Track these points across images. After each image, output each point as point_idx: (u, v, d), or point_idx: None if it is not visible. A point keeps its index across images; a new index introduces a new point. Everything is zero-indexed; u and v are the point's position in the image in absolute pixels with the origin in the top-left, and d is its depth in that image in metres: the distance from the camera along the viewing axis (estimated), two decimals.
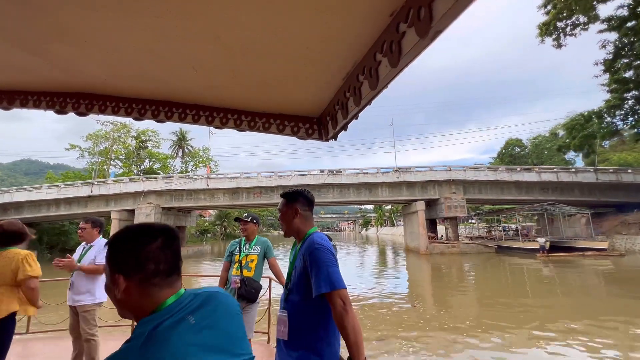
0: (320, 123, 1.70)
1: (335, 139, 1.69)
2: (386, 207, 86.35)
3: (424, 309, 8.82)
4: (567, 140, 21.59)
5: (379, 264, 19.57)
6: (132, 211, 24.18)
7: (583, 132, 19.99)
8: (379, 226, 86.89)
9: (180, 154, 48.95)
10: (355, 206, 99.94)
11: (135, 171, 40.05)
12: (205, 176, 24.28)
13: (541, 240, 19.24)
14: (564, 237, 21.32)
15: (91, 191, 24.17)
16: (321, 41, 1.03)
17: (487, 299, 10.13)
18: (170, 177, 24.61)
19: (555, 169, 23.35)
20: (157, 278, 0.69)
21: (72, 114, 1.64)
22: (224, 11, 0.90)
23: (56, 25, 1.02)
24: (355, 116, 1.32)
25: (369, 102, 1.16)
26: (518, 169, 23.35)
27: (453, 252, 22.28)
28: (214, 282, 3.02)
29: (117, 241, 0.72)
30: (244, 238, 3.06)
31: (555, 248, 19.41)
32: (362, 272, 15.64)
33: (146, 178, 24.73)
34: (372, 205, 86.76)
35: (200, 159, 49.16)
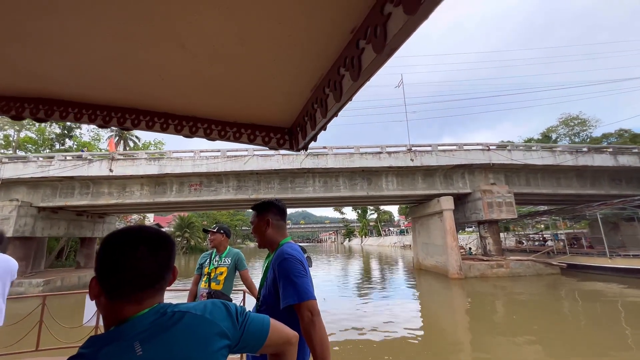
0: (291, 133, 1.69)
1: (306, 150, 1.67)
2: (371, 216, 78.90)
3: None
4: None
5: (383, 295, 11.21)
6: None
7: None
8: (363, 236, 79.17)
9: (122, 147, 38.87)
10: (337, 215, 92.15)
11: None
12: (108, 156, 15.08)
13: None
14: None
15: None
16: (287, 53, 1.04)
17: None
18: (50, 158, 15.21)
19: (636, 149, 16.23)
20: (124, 291, 0.63)
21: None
22: (188, 19, 0.89)
23: (8, 27, 0.97)
24: (323, 127, 1.33)
25: (335, 114, 1.19)
26: (585, 149, 16.03)
27: (500, 274, 14.34)
28: (184, 297, 2.96)
29: (102, 243, 0.68)
30: (214, 250, 2.94)
31: None
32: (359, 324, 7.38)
33: (9, 159, 15.17)
34: (357, 211, 79.05)
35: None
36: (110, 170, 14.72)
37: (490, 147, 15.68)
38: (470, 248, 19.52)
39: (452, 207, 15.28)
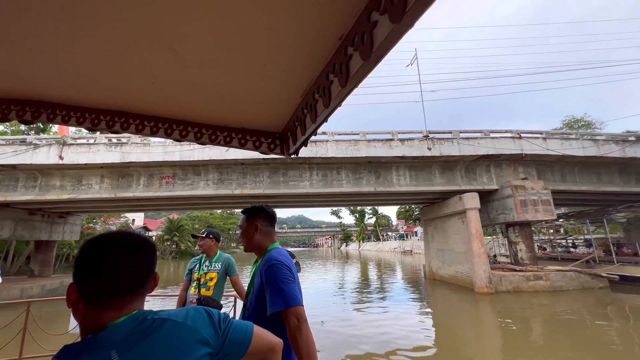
0: (282, 138, 1.69)
1: (297, 155, 1.67)
2: (369, 220, 76.06)
3: None
4: None
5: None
6: None
7: None
8: (361, 241, 76.36)
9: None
10: (335, 219, 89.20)
11: None
12: (59, 140, 12.28)
13: None
14: None
15: None
16: (277, 59, 1.04)
17: None
18: None
19: None
20: (102, 296, 0.61)
21: None
22: (177, 24, 0.89)
23: None
24: (313, 132, 1.33)
25: (324, 120, 1.19)
26: (632, 138, 13.59)
27: (538, 288, 11.71)
28: (173, 303, 2.31)
29: (81, 247, 0.64)
30: (204, 255, 2.87)
31: None
32: None
33: None
34: (355, 215, 76.32)
35: None
36: (60, 158, 11.93)
37: (522, 135, 13.18)
38: (495, 255, 16.90)
39: (478, 206, 12.70)
